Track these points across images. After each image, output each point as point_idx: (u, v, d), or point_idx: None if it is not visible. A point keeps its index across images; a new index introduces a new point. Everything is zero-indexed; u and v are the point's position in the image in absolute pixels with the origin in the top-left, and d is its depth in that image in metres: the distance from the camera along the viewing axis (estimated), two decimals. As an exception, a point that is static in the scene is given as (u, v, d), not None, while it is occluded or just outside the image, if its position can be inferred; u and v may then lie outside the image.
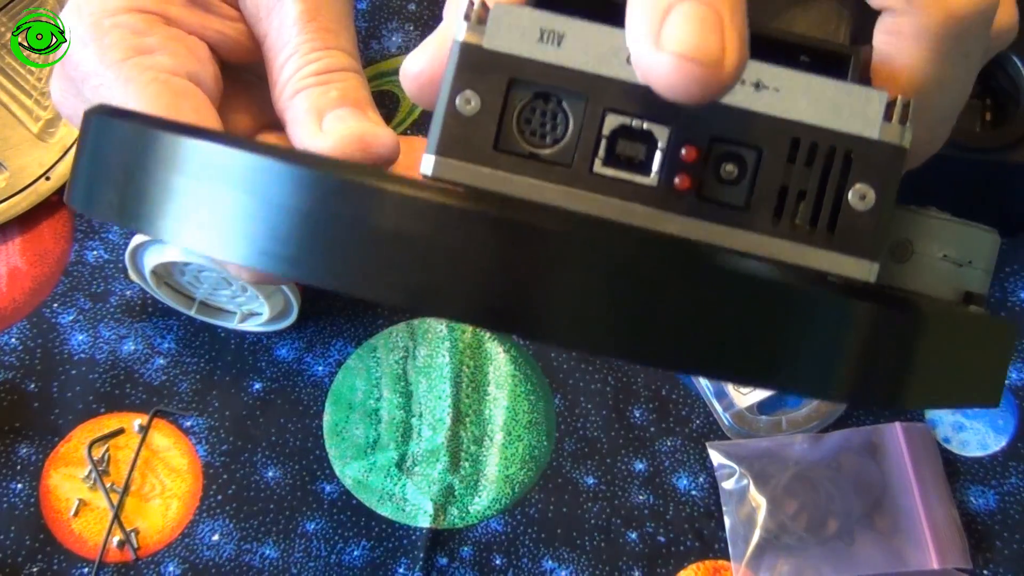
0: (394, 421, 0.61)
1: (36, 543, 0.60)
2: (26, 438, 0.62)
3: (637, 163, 0.27)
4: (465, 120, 0.27)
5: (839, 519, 0.58)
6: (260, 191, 0.23)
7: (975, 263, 0.30)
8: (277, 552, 0.60)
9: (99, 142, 0.27)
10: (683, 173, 0.26)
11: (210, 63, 0.40)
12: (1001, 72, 0.56)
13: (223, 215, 0.23)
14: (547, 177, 0.27)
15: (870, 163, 0.26)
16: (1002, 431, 0.60)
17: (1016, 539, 0.58)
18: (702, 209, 0.26)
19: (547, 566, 0.59)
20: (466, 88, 0.27)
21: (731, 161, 0.26)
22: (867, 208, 0.26)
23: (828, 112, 0.26)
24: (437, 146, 0.27)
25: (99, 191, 0.26)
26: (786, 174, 0.26)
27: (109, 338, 0.63)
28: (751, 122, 0.26)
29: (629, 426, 0.61)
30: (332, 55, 0.38)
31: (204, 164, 0.24)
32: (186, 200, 0.24)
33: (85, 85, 0.38)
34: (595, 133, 0.27)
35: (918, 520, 0.57)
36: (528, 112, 0.27)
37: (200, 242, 0.24)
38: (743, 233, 0.26)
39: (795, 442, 0.59)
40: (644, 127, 0.27)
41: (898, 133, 0.26)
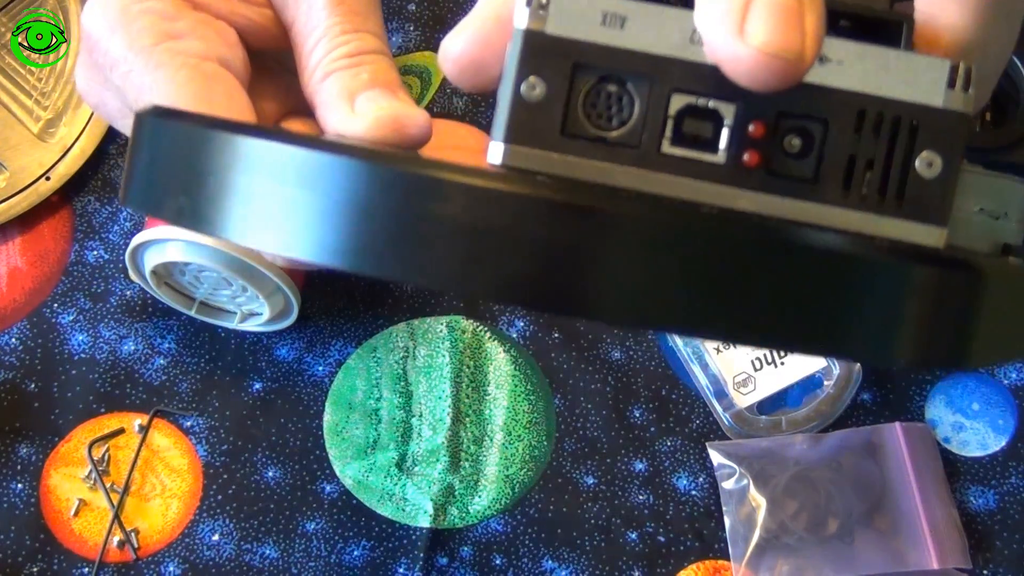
0: (394, 421, 0.61)
1: (36, 543, 0.60)
2: (26, 438, 0.62)
3: (704, 141, 0.27)
4: (531, 106, 0.27)
5: (839, 519, 0.58)
6: (344, 192, 0.23)
7: (1010, 215, 0.31)
8: (277, 552, 0.60)
9: (158, 144, 0.27)
10: (751, 149, 0.27)
11: (239, 48, 0.40)
12: (1001, 72, 0.56)
13: (306, 217, 0.24)
14: (616, 159, 0.27)
15: (936, 131, 0.26)
16: (1002, 431, 0.60)
17: (1016, 539, 0.58)
18: (771, 184, 0.27)
19: (547, 566, 0.59)
20: (531, 75, 0.27)
21: (798, 135, 0.27)
22: (934, 175, 0.26)
23: (892, 82, 0.26)
24: (505, 134, 0.27)
25: (164, 195, 0.26)
26: (853, 145, 0.27)
27: (109, 338, 0.63)
28: (817, 96, 0.26)
29: (629, 426, 0.61)
30: (361, 37, 0.38)
31: (272, 165, 0.24)
32: (262, 202, 0.24)
33: (114, 72, 0.38)
34: (662, 113, 0.27)
35: (918, 520, 0.57)
36: (594, 96, 0.27)
37: (276, 245, 0.24)
38: (813, 205, 0.26)
39: (795, 442, 0.59)
40: (710, 105, 0.27)
41: (962, 100, 0.26)
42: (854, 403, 0.60)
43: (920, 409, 0.60)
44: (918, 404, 0.60)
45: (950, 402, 0.60)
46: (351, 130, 0.37)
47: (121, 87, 0.38)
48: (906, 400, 0.60)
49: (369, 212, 0.23)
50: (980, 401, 0.60)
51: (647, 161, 0.27)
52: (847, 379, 0.60)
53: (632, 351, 0.62)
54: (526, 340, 0.62)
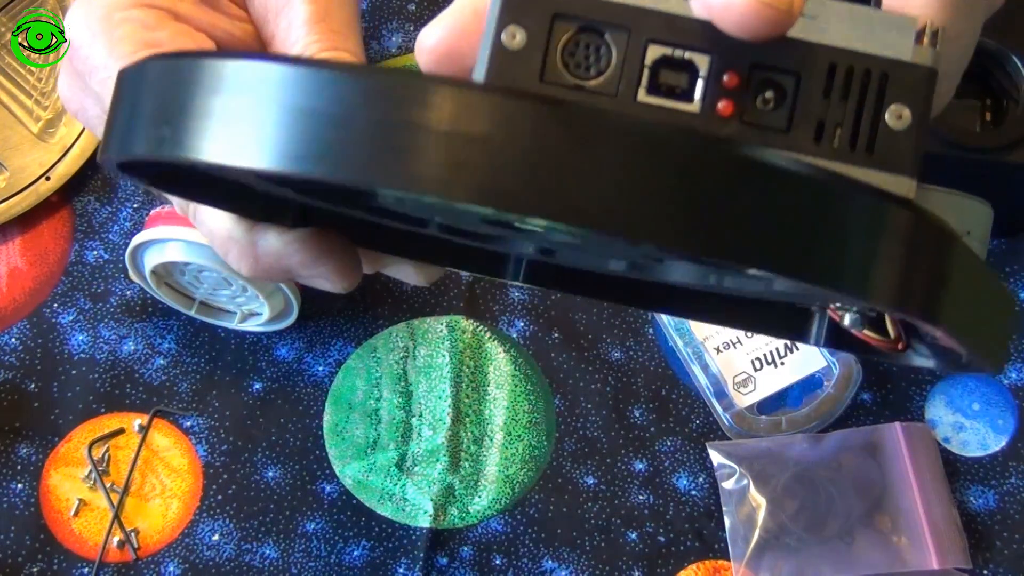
0: (394, 421, 0.61)
1: (36, 543, 0.60)
2: (26, 438, 0.62)
3: (680, 91, 0.27)
4: (511, 54, 0.27)
5: (839, 519, 0.58)
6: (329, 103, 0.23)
7: (973, 234, 0.32)
8: (277, 552, 0.60)
9: (141, 84, 0.27)
10: (725, 99, 0.27)
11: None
12: (1001, 72, 0.56)
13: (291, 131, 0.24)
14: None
15: (904, 84, 0.27)
16: (1002, 431, 0.60)
17: (1016, 539, 0.58)
18: (745, 133, 0.27)
19: (547, 566, 0.59)
20: (511, 23, 0.27)
21: (771, 87, 0.27)
22: (903, 127, 0.27)
23: (862, 37, 0.27)
24: (485, 79, 0.27)
25: (145, 129, 0.26)
26: (825, 97, 0.27)
27: (109, 338, 0.63)
28: (790, 48, 0.27)
29: (629, 426, 0.61)
30: (339, 56, 0.39)
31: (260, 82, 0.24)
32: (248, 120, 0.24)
33: (93, 78, 0.38)
34: (638, 63, 0.27)
35: (918, 520, 0.57)
36: (572, 45, 0.28)
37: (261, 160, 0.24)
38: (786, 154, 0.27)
39: (795, 442, 0.59)
40: (685, 56, 0.27)
41: (929, 55, 0.27)
42: (854, 403, 0.60)
43: (920, 409, 0.60)
44: (918, 404, 0.60)
45: (950, 402, 0.60)
46: None
47: (100, 93, 0.39)
48: (906, 400, 0.60)
49: (355, 122, 0.23)
50: (980, 401, 0.60)
51: (623, 110, 0.27)
52: (847, 379, 0.60)
53: (632, 351, 0.62)
54: (526, 340, 0.62)
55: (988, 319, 0.28)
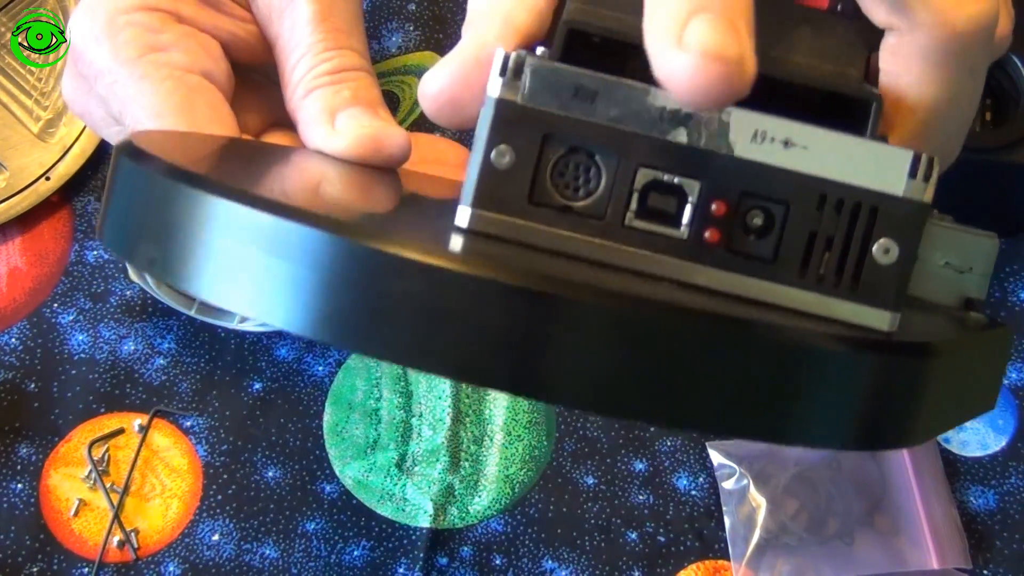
0: (394, 421, 0.61)
1: (36, 543, 0.60)
2: (26, 438, 0.62)
3: (668, 216, 0.27)
4: (500, 174, 0.27)
5: (839, 519, 0.58)
6: (294, 256, 0.24)
7: (975, 269, 0.32)
8: (277, 552, 0.60)
9: (132, 189, 0.28)
10: (713, 227, 0.27)
11: (223, 61, 0.40)
12: (1001, 72, 0.56)
13: (259, 280, 0.24)
14: (580, 230, 0.27)
15: (895, 219, 0.27)
16: (1002, 431, 0.60)
17: (1016, 539, 0.58)
18: (731, 262, 0.27)
19: (547, 566, 0.59)
20: (501, 143, 0.27)
21: (760, 216, 0.27)
22: (890, 262, 0.27)
23: (855, 169, 0.27)
24: (473, 199, 0.27)
25: (135, 242, 0.27)
26: (813, 228, 0.27)
27: (109, 338, 0.63)
28: (780, 178, 0.27)
29: (629, 426, 0.61)
30: (344, 55, 0.39)
31: (235, 226, 0.24)
32: (219, 262, 0.25)
33: (98, 82, 0.38)
34: (627, 187, 0.27)
35: (918, 520, 0.57)
36: (562, 166, 0.28)
37: (236, 305, 0.25)
38: (770, 285, 0.27)
39: (795, 442, 0.59)
40: (676, 181, 0.27)
41: (922, 190, 0.27)
42: (854, 403, 0.60)
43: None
44: (918, 404, 0.60)
45: (950, 402, 0.60)
46: (331, 148, 0.37)
47: (105, 97, 0.39)
48: (906, 400, 0.60)
49: (329, 282, 0.23)
50: (980, 401, 0.60)
51: (611, 233, 0.27)
52: (847, 379, 0.60)
53: (632, 351, 0.62)
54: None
55: (976, 385, 0.28)
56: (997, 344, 0.29)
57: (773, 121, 0.27)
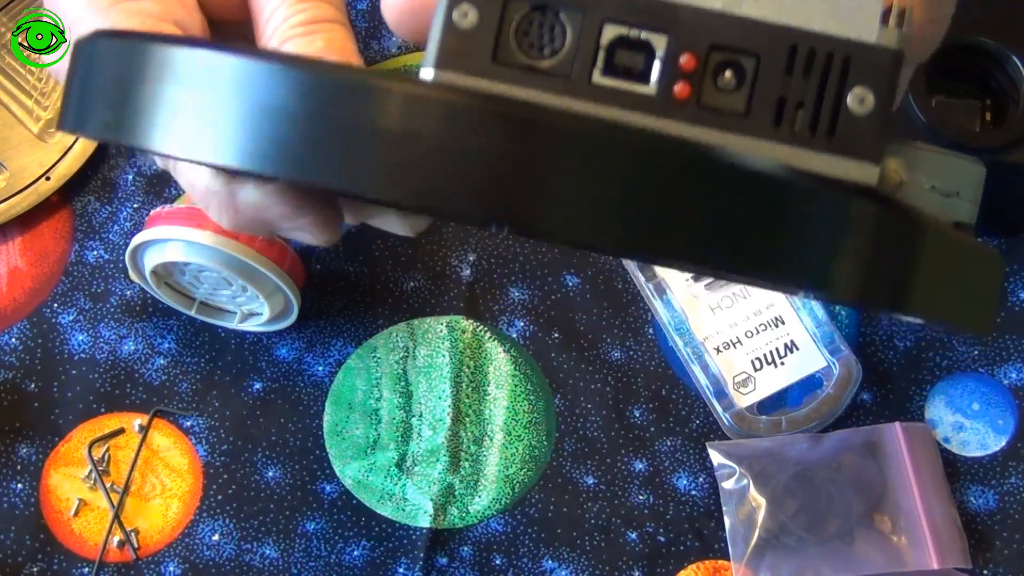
0: (394, 421, 0.61)
1: (36, 543, 0.60)
2: (26, 438, 0.62)
3: (636, 73, 0.27)
4: (462, 33, 0.27)
5: (839, 519, 0.58)
6: (263, 96, 0.23)
7: (962, 194, 0.31)
8: (277, 552, 0.60)
9: (91, 62, 0.27)
10: (682, 81, 0.26)
11: (196, 12, 0.40)
12: (1001, 72, 0.56)
13: (226, 122, 0.23)
14: (546, 88, 0.27)
15: (868, 67, 0.26)
16: (1002, 431, 0.60)
17: (1016, 539, 0.58)
18: (702, 116, 0.26)
19: (547, 566, 0.59)
20: (463, 1, 0.27)
21: (729, 68, 0.27)
22: (866, 112, 0.26)
23: (825, 18, 0.26)
24: (436, 59, 0.27)
25: (93, 109, 0.26)
26: (785, 79, 0.26)
27: (109, 338, 0.63)
28: (748, 29, 0.26)
29: (629, 426, 0.61)
30: (318, 6, 0.39)
31: (201, 71, 0.24)
32: (186, 110, 0.24)
33: (73, 32, 0.39)
34: (593, 44, 0.27)
35: (918, 520, 0.57)
36: (526, 24, 0.27)
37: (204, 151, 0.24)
38: (743, 139, 0.26)
39: (795, 442, 0.59)
40: (642, 37, 0.27)
41: (895, 37, 0.26)
42: (854, 403, 0.60)
43: (920, 409, 0.60)
44: (918, 404, 0.60)
45: (950, 402, 0.60)
46: None
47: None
48: (906, 400, 0.60)
49: (298, 117, 0.23)
50: (980, 401, 0.60)
51: (578, 91, 0.27)
52: (847, 379, 0.60)
53: (632, 351, 0.62)
54: (526, 340, 0.62)
55: (966, 291, 0.27)
56: (988, 262, 0.29)
57: None
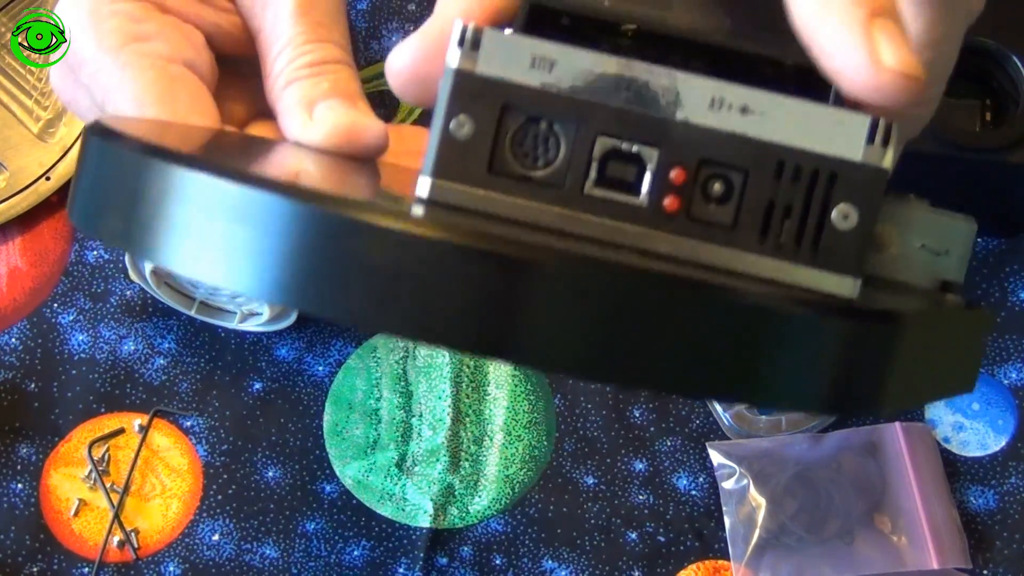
0: (394, 421, 0.61)
1: (36, 543, 0.60)
2: (26, 438, 0.62)
3: (627, 185, 0.28)
4: (459, 144, 0.27)
5: (839, 519, 0.58)
6: (259, 224, 0.24)
7: (952, 252, 0.32)
8: (277, 552, 0.60)
9: (100, 165, 0.28)
10: (671, 194, 0.27)
11: (206, 51, 0.41)
12: (1001, 72, 0.56)
13: (224, 248, 0.24)
14: (540, 198, 0.28)
15: (853, 184, 0.27)
16: (1002, 431, 0.60)
17: (1016, 539, 0.58)
18: (690, 229, 0.27)
19: (547, 566, 0.59)
20: (460, 113, 0.27)
21: (718, 182, 0.27)
22: (850, 227, 0.27)
23: (813, 135, 0.27)
24: (433, 169, 0.27)
25: (102, 216, 0.27)
26: (772, 195, 0.27)
27: (109, 338, 0.63)
28: (737, 145, 0.27)
29: (629, 426, 0.61)
30: (324, 48, 0.39)
31: (201, 196, 0.25)
32: (187, 231, 0.25)
33: (82, 71, 0.39)
34: (586, 156, 0.28)
35: (918, 520, 0.57)
36: (521, 136, 0.28)
37: (200, 272, 0.25)
38: (730, 251, 0.27)
39: (795, 442, 0.59)
40: (634, 150, 0.27)
41: (880, 155, 0.27)
42: (854, 403, 0.60)
43: (920, 409, 0.60)
44: (918, 404, 0.60)
45: (950, 402, 0.60)
46: (308, 138, 0.38)
47: (89, 86, 0.39)
48: (906, 400, 0.60)
49: (290, 247, 0.24)
50: (980, 401, 0.60)
51: (570, 201, 0.28)
52: (847, 379, 0.60)
53: (632, 351, 0.62)
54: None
55: (948, 364, 0.28)
56: (974, 324, 0.30)
57: (730, 88, 0.27)
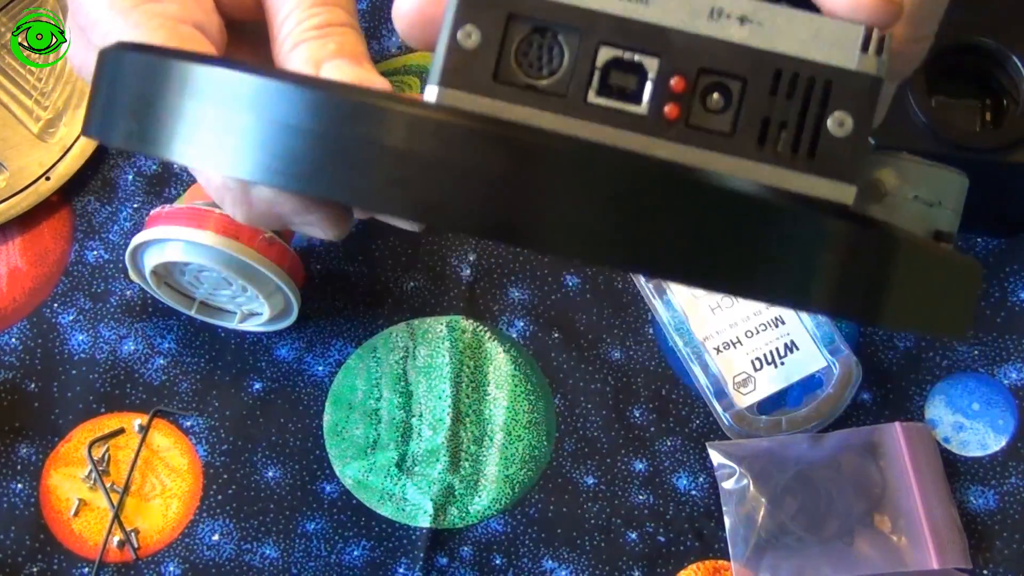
0: (394, 421, 0.61)
1: (36, 543, 0.60)
2: (26, 438, 0.62)
3: (629, 93, 0.28)
4: (466, 53, 0.28)
5: (839, 519, 0.58)
6: (277, 113, 0.25)
7: (944, 203, 0.32)
8: (277, 552, 0.60)
9: (116, 74, 0.29)
10: (672, 102, 0.28)
11: (215, 14, 0.41)
12: (1001, 72, 0.56)
13: (242, 137, 0.25)
14: (544, 106, 0.28)
15: (848, 91, 0.28)
16: (1002, 431, 0.60)
17: (1016, 539, 0.58)
18: (690, 136, 0.28)
19: (547, 566, 0.59)
20: (467, 22, 0.28)
21: (717, 91, 0.28)
22: (845, 134, 0.28)
23: (809, 44, 0.28)
24: (440, 77, 0.28)
25: (117, 120, 0.28)
26: (769, 102, 0.28)
27: (109, 338, 0.63)
28: (736, 54, 0.28)
29: (629, 426, 0.61)
30: (331, 11, 0.40)
31: (220, 89, 0.26)
32: (205, 124, 0.26)
33: (95, 32, 0.39)
34: (589, 65, 0.28)
35: (918, 520, 0.57)
36: (526, 45, 0.28)
37: (221, 163, 0.26)
38: (728, 158, 0.28)
39: (795, 442, 0.59)
40: (635, 59, 0.28)
41: (874, 64, 0.28)
42: (854, 403, 0.60)
43: (920, 409, 0.60)
44: (918, 404, 0.60)
45: (950, 402, 0.60)
46: None
47: (101, 47, 0.39)
48: (906, 400, 0.60)
49: (307, 134, 0.24)
50: (980, 401, 0.60)
51: (573, 109, 0.28)
52: (847, 379, 0.60)
53: (632, 351, 0.62)
54: (526, 340, 0.62)
55: (940, 300, 0.29)
56: (966, 271, 0.30)
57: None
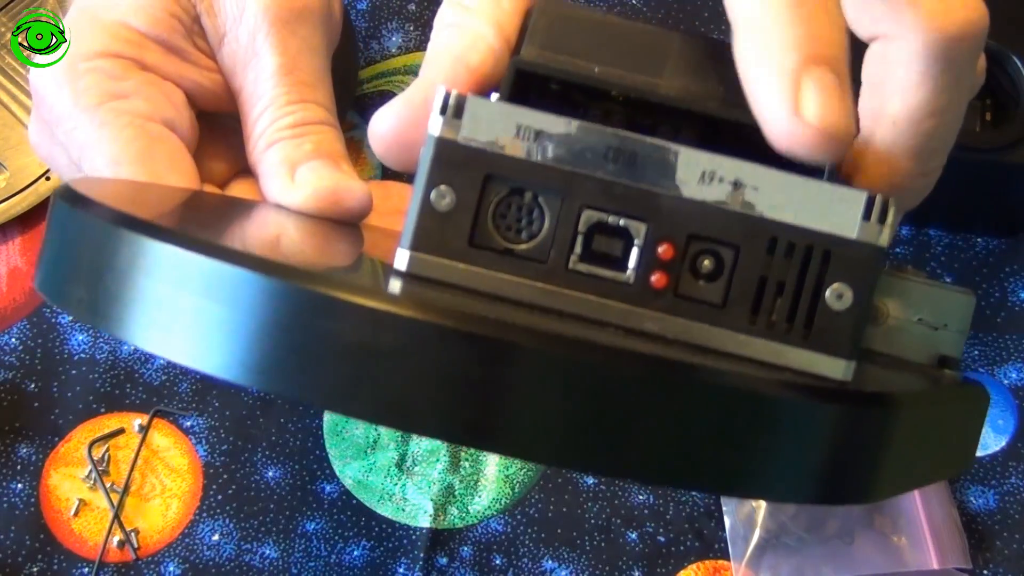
0: (394, 421, 0.61)
1: (36, 543, 0.60)
2: (26, 438, 0.62)
3: (613, 259, 0.26)
4: (440, 215, 0.26)
5: (839, 519, 0.58)
6: (226, 300, 0.23)
7: (950, 326, 0.30)
8: (277, 552, 0.60)
9: (66, 232, 0.27)
10: (660, 271, 0.26)
11: (186, 109, 0.39)
12: (1001, 72, 0.56)
13: (190, 324, 0.23)
14: (522, 273, 0.26)
15: (848, 262, 0.26)
16: (1002, 431, 0.60)
17: (1016, 539, 0.58)
18: (679, 307, 0.26)
19: (547, 566, 0.59)
20: (441, 183, 0.26)
21: (708, 258, 0.26)
22: (844, 307, 0.26)
23: (807, 211, 0.26)
24: (412, 241, 0.26)
25: (68, 286, 0.26)
26: (763, 273, 0.26)
27: (109, 338, 0.63)
28: (729, 220, 0.26)
29: (629, 426, 0.61)
30: (307, 108, 0.38)
31: (166, 269, 0.23)
32: (151, 306, 0.24)
33: (59, 128, 0.38)
34: (571, 229, 0.26)
35: (918, 520, 0.57)
36: (504, 207, 0.27)
37: (166, 350, 0.24)
38: (719, 331, 0.26)
39: (795, 442, 0.59)
40: (621, 223, 0.26)
41: (877, 232, 0.26)
42: (854, 403, 0.60)
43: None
44: (918, 404, 0.60)
45: (950, 402, 0.60)
46: (290, 201, 0.36)
47: (65, 143, 0.38)
48: (906, 400, 0.60)
49: (260, 326, 0.22)
50: (980, 401, 0.60)
51: (554, 277, 0.26)
52: (847, 379, 0.60)
53: (632, 351, 0.62)
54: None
55: (947, 443, 0.27)
56: (972, 401, 0.28)
57: (722, 161, 0.26)
